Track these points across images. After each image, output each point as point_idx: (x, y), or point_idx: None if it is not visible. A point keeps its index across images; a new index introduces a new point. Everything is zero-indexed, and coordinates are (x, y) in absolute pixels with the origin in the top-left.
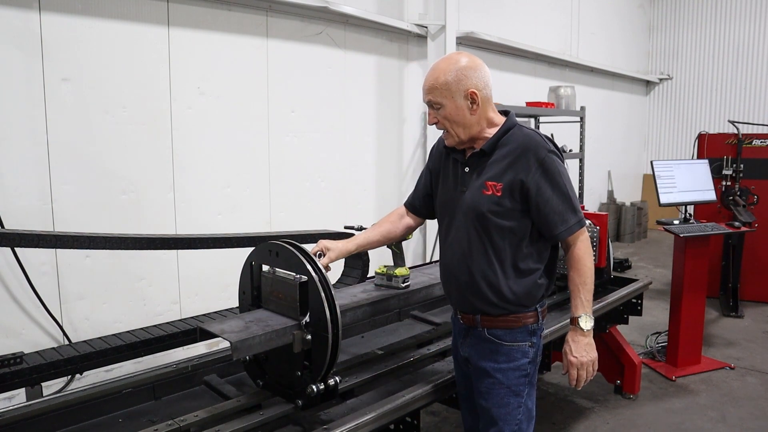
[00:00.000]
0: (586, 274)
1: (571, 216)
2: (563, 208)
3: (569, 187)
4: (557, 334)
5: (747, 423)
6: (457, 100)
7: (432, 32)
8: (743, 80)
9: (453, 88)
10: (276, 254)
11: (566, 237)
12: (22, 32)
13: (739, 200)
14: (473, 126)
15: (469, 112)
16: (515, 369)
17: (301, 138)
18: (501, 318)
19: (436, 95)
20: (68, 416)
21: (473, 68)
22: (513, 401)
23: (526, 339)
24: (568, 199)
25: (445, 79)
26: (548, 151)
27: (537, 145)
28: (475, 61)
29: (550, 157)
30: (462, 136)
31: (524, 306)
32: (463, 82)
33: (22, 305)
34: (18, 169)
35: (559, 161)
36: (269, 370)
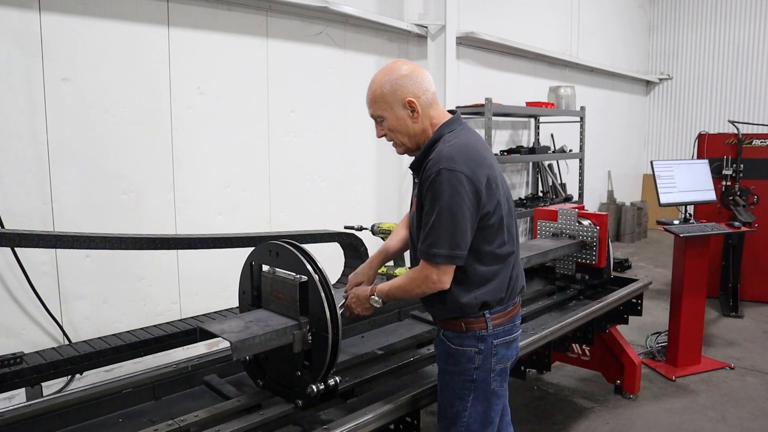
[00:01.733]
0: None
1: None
2: (429, 231)
3: (448, 214)
4: (557, 335)
5: (747, 423)
6: (397, 110)
7: (432, 32)
8: (743, 80)
9: (390, 99)
10: (276, 254)
11: (420, 258)
12: (22, 32)
13: (739, 200)
14: (418, 134)
15: (411, 121)
16: (460, 373)
17: (301, 138)
18: (449, 322)
19: (376, 109)
20: (68, 416)
21: (409, 76)
22: (458, 404)
23: (473, 345)
24: (436, 224)
25: (381, 92)
26: (440, 168)
27: (434, 164)
28: (411, 68)
29: (439, 178)
30: (409, 145)
31: (465, 313)
32: (400, 92)
33: (22, 305)
34: (18, 169)
35: (448, 182)
36: (269, 370)
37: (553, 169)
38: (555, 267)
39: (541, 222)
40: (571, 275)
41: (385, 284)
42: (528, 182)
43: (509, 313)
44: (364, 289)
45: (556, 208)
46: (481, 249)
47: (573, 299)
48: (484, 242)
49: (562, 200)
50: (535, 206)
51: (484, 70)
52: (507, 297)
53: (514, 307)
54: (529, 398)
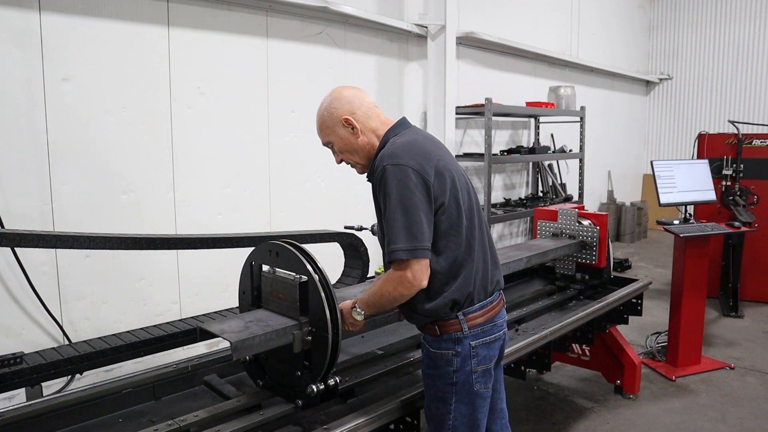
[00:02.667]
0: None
1: (394, 240)
2: (388, 228)
3: (400, 208)
4: (557, 335)
5: (747, 423)
6: (339, 132)
7: (432, 32)
8: (743, 80)
9: (330, 124)
10: (276, 254)
11: (389, 260)
12: (22, 32)
13: (739, 200)
14: (365, 148)
15: (354, 137)
16: (440, 376)
17: (301, 138)
18: (425, 326)
19: (323, 136)
20: (68, 416)
21: (339, 98)
22: (441, 407)
23: (449, 347)
24: (392, 220)
25: (322, 120)
26: (384, 165)
27: (378, 163)
28: (343, 90)
29: (384, 175)
30: (361, 161)
31: (437, 317)
32: (335, 114)
33: (22, 305)
34: (18, 169)
35: (396, 174)
36: (269, 370)
37: (553, 169)
38: (555, 267)
39: (541, 222)
40: (571, 275)
41: (363, 294)
42: (528, 182)
43: (486, 313)
44: (347, 303)
45: (556, 208)
46: (439, 244)
47: (573, 299)
48: (441, 236)
49: (562, 200)
50: (535, 206)
51: (484, 70)
52: (478, 294)
53: (492, 306)
54: (529, 398)
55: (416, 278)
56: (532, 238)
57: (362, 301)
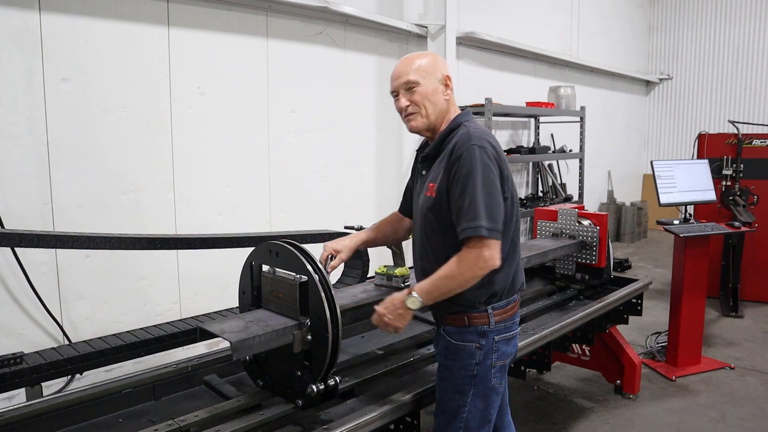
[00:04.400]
0: (451, 275)
1: (473, 219)
2: (467, 207)
3: (484, 188)
4: (557, 335)
5: (747, 423)
6: (433, 81)
7: (432, 32)
8: (743, 80)
9: (430, 70)
10: (276, 254)
11: (463, 238)
12: (22, 32)
13: (739, 200)
14: (443, 111)
15: (443, 96)
16: (460, 368)
17: (301, 138)
18: (450, 316)
19: (413, 74)
20: (68, 416)
21: (443, 62)
22: (458, 399)
23: (474, 340)
24: (474, 199)
25: (422, 62)
26: (472, 145)
27: (464, 143)
28: (441, 57)
29: (470, 152)
30: (431, 117)
31: (469, 307)
32: (438, 67)
33: (22, 305)
34: (18, 169)
35: (480, 158)
36: (269, 370)
37: (553, 169)
38: (555, 267)
39: (541, 222)
40: (571, 275)
41: (423, 282)
42: (528, 182)
43: (510, 310)
44: (398, 294)
45: (556, 208)
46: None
47: (573, 299)
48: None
49: (562, 200)
50: (535, 206)
51: (484, 70)
52: (510, 290)
53: (515, 303)
54: (529, 398)
55: (492, 257)
56: (532, 238)
57: (421, 288)
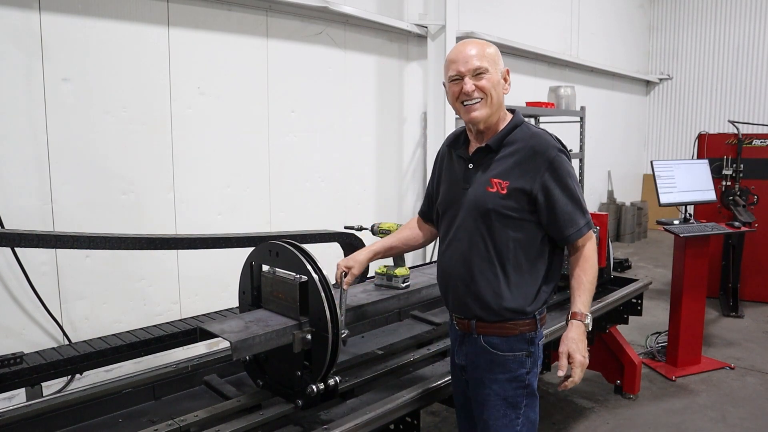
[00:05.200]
0: (593, 275)
1: (581, 218)
2: (572, 210)
3: (578, 188)
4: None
5: (747, 423)
6: (498, 72)
7: (432, 32)
8: (743, 80)
9: (497, 60)
10: (276, 254)
11: (576, 239)
12: (22, 32)
13: (739, 200)
14: (499, 101)
15: (502, 89)
16: (512, 380)
17: (301, 138)
18: (497, 325)
19: (485, 61)
20: (68, 416)
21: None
22: (511, 413)
23: (523, 348)
24: (577, 200)
25: (489, 51)
26: (558, 150)
27: (547, 145)
28: None
29: (560, 158)
30: (494, 108)
31: (522, 313)
32: (501, 60)
33: (22, 305)
34: (18, 169)
35: (567, 161)
36: (269, 370)
37: None
38: None
39: None
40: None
41: (576, 299)
42: None
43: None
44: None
45: None
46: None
47: None
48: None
49: None
50: None
51: None
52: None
53: None
54: None
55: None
56: None
57: (584, 304)
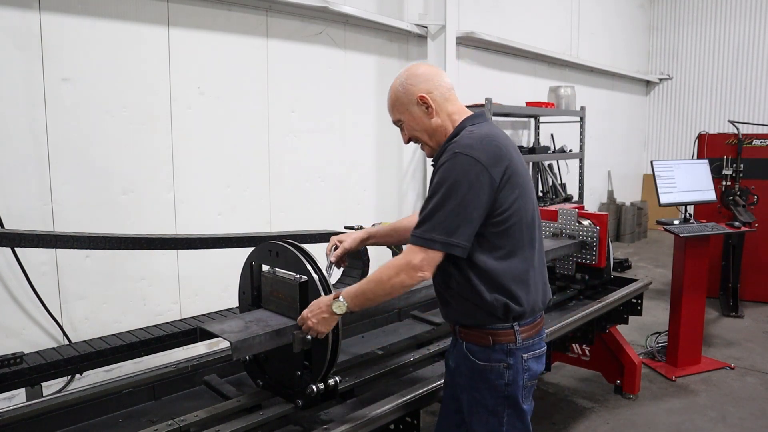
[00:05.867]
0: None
1: (422, 227)
2: (426, 215)
3: (448, 199)
4: (557, 335)
5: (747, 423)
6: (412, 110)
7: (432, 32)
8: (743, 80)
9: (405, 101)
10: (276, 254)
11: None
12: (22, 32)
13: (739, 200)
14: (436, 129)
15: (427, 117)
16: (491, 390)
17: (301, 138)
18: (476, 332)
19: (395, 113)
20: (68, 416)
21: (418, 75)
22: (494, 420)
23: (501, 359)
24: (433, 207)
25: (396, 95)
26: (457, 152)
27: (452, 148)
28: (422, 67)
29: (456, 157)
30: (430, 143)
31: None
32: (411, 91)
33: (22, 305)
34: (18, 169)
35: (464, 165)
36: (269, 370)
37: (553, 169)
38: (555, 267)
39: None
40: (571, 275)
41: (353, 285)
42: None
43: (537, 326)
44: (324, 297)
45: (556, 208)
46: (501, 248)
47: (573, 299)
48: (501, 240)
49: (562, 200)
50: None
51: (484, 70)
52: (533, 306)
53: (541, 319)
54: None
55: (422, 267)
56: None
57: (348, 292)
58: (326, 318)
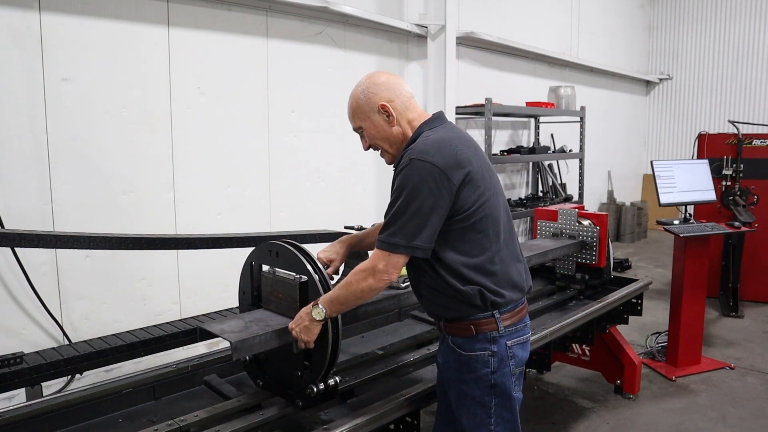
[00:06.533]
0: (348, 283)
1: (386, 231)
2: (389, 221)
3: (408, 204)
4: (557, 335)
5: (747, 423)
6: (373, 118)
7: (432, 32)
8: (743, 80)
9: (366, 108)
10: (276, 254)
11: (377, 248)
12: (22, 32)
13: (739, 200)
14: (397, 137)
15: (388, 125)
16: (477, 380)
17: (301, 138)
18: (458, 324)
19: (355, 120)
20: (68, 416)
21: (378, 83)
22: (481, 413)
23: (485, 348)
24: (396, 212)
25: (357, 103)
26: (412, 158)
27: (408, 154)
28: (382, 75)
29: (409, 166)
30: (391, 151)
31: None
32: (373, 99)
33: (22, 305)
34: (18, 169)
35: (421, 171)
36: (269, 370)
37: (553, 169)
38: (555, 267)
39: (541, 222)
40: (571, 275)
41: (331, 291)
42: (528, 182)
43: (518, 313)
44: (306, 306)
45: (556, 208)
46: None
47: (573, 299)
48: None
49: (562, 200)
50: (535, 206)
51: (484, 70)
52: (510, 293)
53: (523, 306)
54: (529, 398)
55: (388, 271)
56: (532, 238)
57: (325, 298)
58: (308, 326)
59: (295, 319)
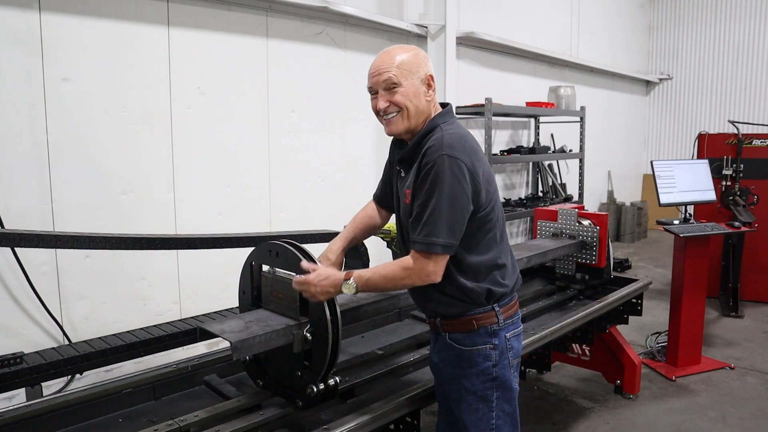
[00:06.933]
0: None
1: (421, 231)
2: (422, 219)
3: (449, 201)
4: (557, 335)
5: (747, 423)
6: (415, 81)
7: (432, 32)
8: (743, 80)
9: (412, 68)
10: (276, 254)
11: (414, 249)
12: (22, 32)
13: (739, 200)
14: (424, 112)
15: (424, 97)
16: (478, 374)
17: (301, 138)
18: (458, 320)
19: (396, 73)
20: (68, 416)
21: (426, 58)
22: (483, 407)
23: (486, 342)
24: (431, 213)
25: (406, 59)
26: (444, 154)
27: (437, 147)
28: (426, 53)
29: (441, 160)
30: (412, 121)
31: (472, 303)
32: (421, 65)
33: (22, 305)
34: (18, 169)
35: (453, 167)
36: (269, 370)
37: (553, 169)
38: (555, 267)
39: (541, 222)
40: (571, 275)
41: (364, 271)
42: (528, 182)
43: (514, 305)
44: (337, 272)
45: (556, 208)
46: (481, 242)
47: (573, 299)
48: (484, 234)
49: (562, 200)
50: (535, 206)
51: (484, 70)
52: (511, 287)
53: (516, 299)
54: (529, 398)
55: (436, 273)
56: (532, 238)
57: (361, 277)
58: (331, 293)
59: (318, 277)
